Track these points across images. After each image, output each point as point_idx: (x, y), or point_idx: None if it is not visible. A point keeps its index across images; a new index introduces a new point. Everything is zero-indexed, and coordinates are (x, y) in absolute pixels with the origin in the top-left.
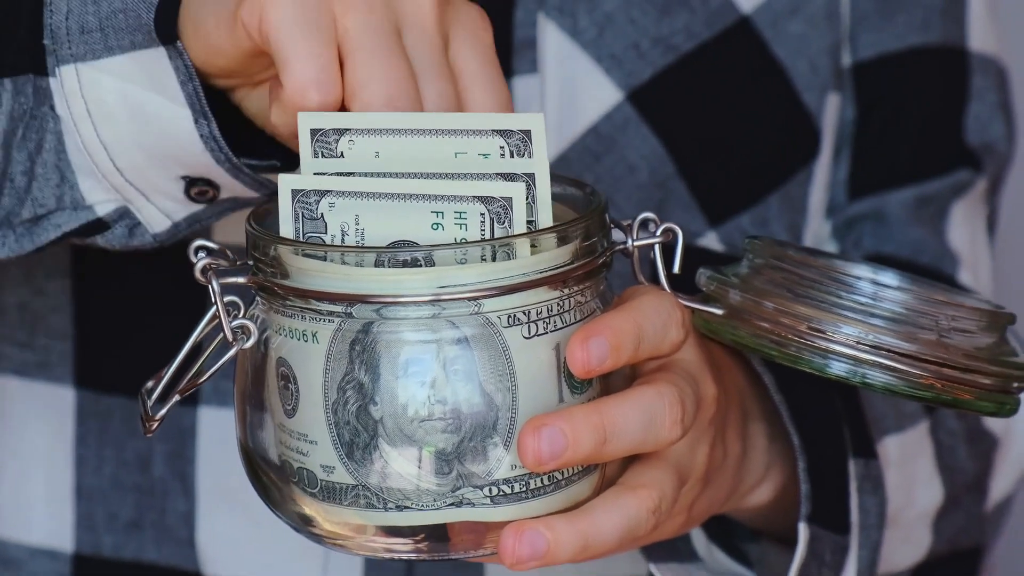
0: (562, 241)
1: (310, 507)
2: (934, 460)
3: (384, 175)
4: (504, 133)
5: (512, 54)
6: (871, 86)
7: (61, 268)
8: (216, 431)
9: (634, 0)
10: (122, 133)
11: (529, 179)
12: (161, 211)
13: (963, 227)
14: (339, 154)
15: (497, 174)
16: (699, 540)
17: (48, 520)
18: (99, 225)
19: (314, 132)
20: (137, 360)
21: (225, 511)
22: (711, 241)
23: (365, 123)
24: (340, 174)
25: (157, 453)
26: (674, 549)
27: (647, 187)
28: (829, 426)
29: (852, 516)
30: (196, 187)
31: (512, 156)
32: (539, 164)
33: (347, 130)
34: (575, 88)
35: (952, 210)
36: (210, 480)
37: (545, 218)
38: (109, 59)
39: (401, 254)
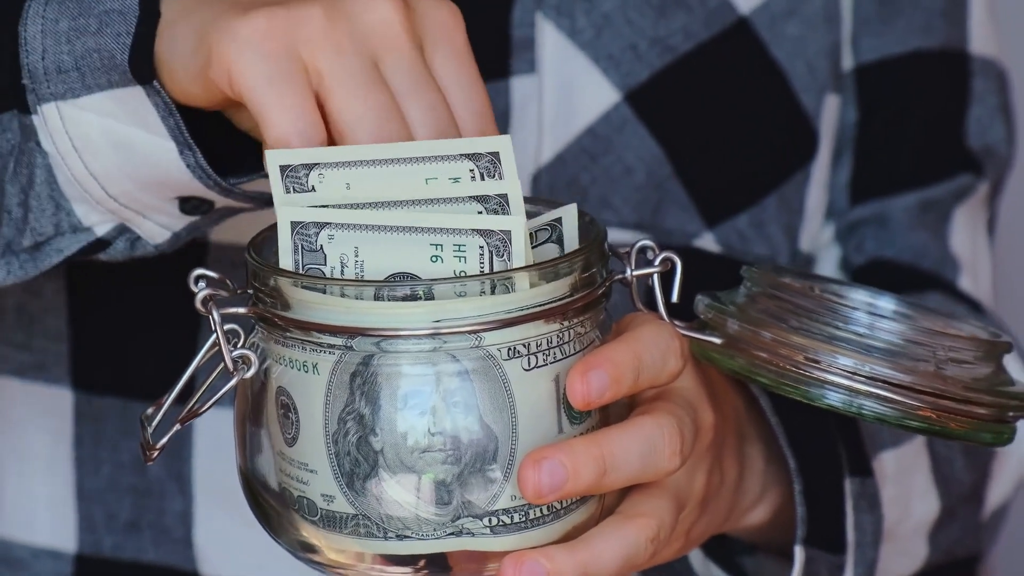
0: (562, 273)
1: (311, 534)
2: (930, 473)
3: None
4: (472, 156)
5: (510, 54)
6: (873, 89)
7: (56, 269)
8: (212, 431)
9: (632, 1)
10: (110, 165)
11: (502, 199)
12: (160, 225)
13: (964, 232)
14: (310, 188)
15: (470, 197)
16: (696, 557)
17: (51, 521)
18: (100, 244)
19: (283, 168)
20: (130, 362)
21: (222, 511)
22: (708, 242)
23: (333, 156)
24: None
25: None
26: (670, 569)
27: (644, 188)
28: (825, 447)
29: (848, 536)
30: (190, 203)
31: (483, 178)
32: (510, 184)
33: (316, 164)
34: (573, 88)
35: (954, 215)
36: (206, 480)
37: (523, 236)
38: (88, 97)
39: (401, 287)
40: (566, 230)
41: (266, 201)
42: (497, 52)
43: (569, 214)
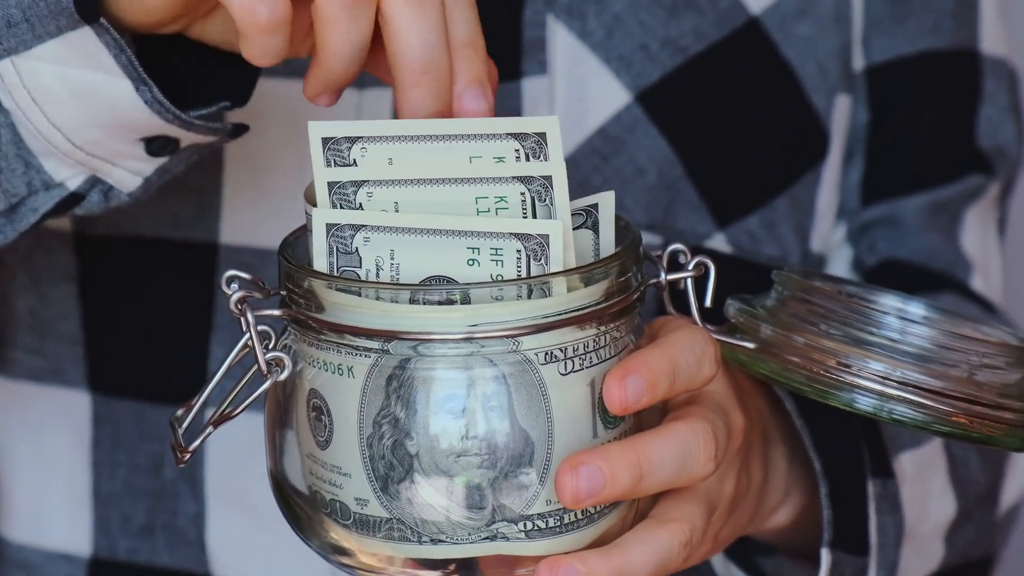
0: (598, 278)
1: (342, 538)
2: (947, 474)
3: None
4: (519, 136)
5: (521, 55)
6: (884, 90)
7: (66, 273)
8: (224, 433)
9: (643, 2)
10: (71, 113)
11: (546, 181)
12: (130, 171)
13: (976, 232)
14: (352, 162)
15: (513, 177)
16: (717, 558)
17: (66, 525)
18: (74, 198)
19: (325, 140)
20: (146, 364)
21: (234, 513)
22: (719, 243)
23: (377, 130)
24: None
25: (168, 456)
26: (694, 570)
27: (655, 189)
28: (848, 449)
29: (871, 538)
30: (156, 143)
31: (528, 159)
32: (555, 167)
33: (359, 138)
34: (584, 90)
35: (965, 215)
36: (218, 482)
37: (564, 220)
38: (40, 47)
39: (437, 291)
40: (602, 217)
41: (230, 132)
42: (508, 53)
43: (606, 201)
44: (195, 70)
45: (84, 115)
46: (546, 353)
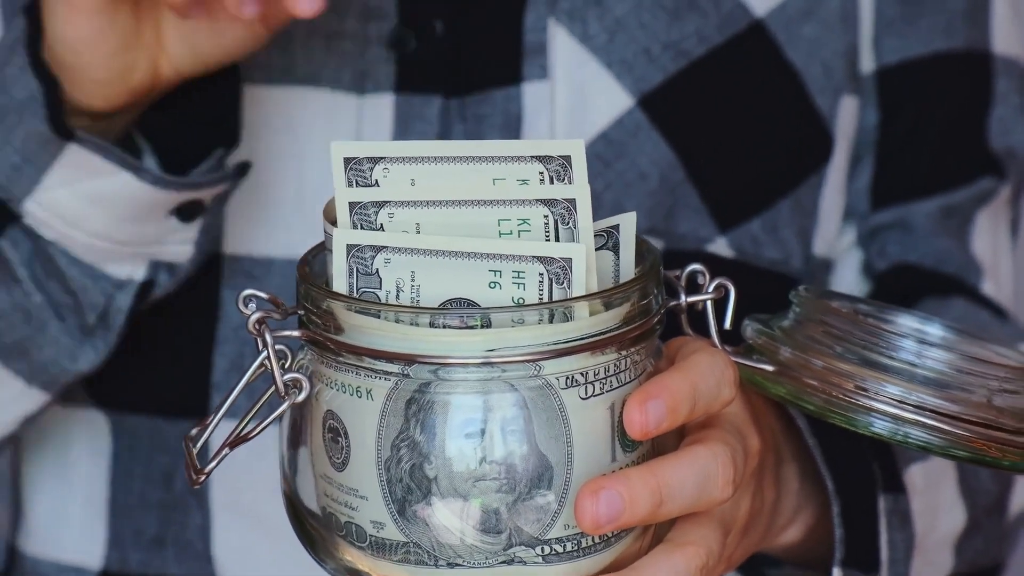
0: (619, 302)
1: (358, 560)
2: (957, 485)
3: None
4: (543, 159)
5: (522, 59)
6: (895, 91)
7: None
8: None
9: (645, 5)
10: (101, 220)
11: (569, 204)
12: (178, 243)
13: (986, 235)
14: (374, 183)
15: (537, 200)
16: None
17: (80, 537)
18: (146, 287)
19: (347, 161)
20: (151, 377)
21: (239, 525)
22: (720, 247)
23: (399, 151)
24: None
25: (180, 469)
26: None
27: (657, 193)
28: (860, 465)
29: (882, 554)
30: (183, 211)
31: (552, 182)
32: (580, 189)
33: (381, 158)
34: (585, 94)
35: (976, 218)
36: (223, 494)
37: (588, 243)
38: (47, 178)
39: (457, 315)
40: (623, 238)
41: (236, 174)
42: (509, 58)
43: (627, 222)
44: (185, 124)
45: (111, 216)
46: (567, 377)
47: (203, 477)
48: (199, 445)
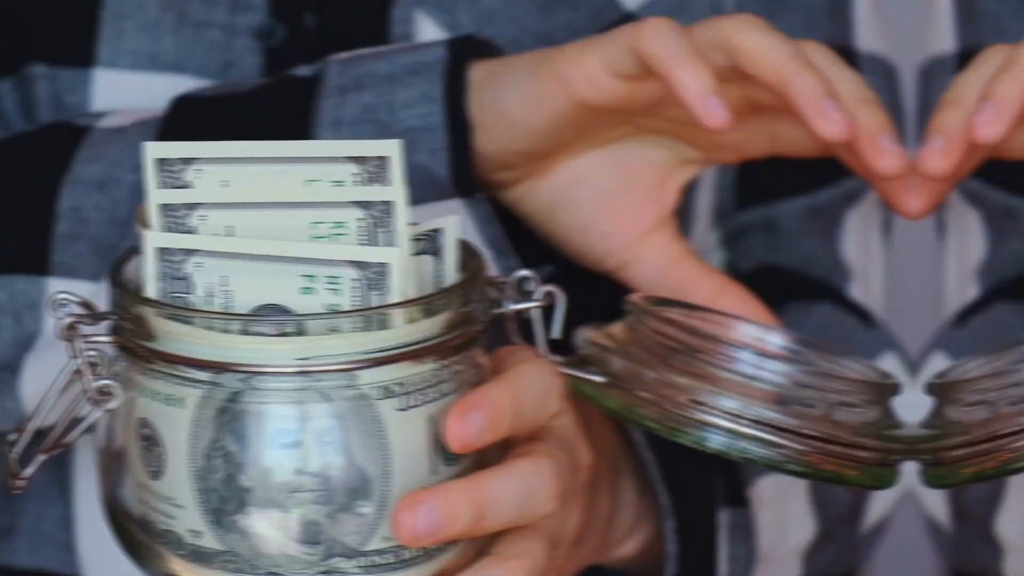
0: (440, 309)
1: (178, 567)
2: (808, 496)
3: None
4: (359, 159)
5: None
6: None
7: None
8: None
9: None
10: None
11: (386, 206)
12: None
13: (856, 237)
14: (185, 184)
15: (351, 202)
16: None
17: None
18: None
19: (160, 162)
20: None
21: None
22: None
23: (211, 151)
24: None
25: None
26: None
27: None
28: (699, 480)
29: (720, 567)
30: None
31: (368, 183)
32: (396, 191)
33: (193, 159)
34: None
35: (845, 219)
36: (90, 486)
37: (405, 247)
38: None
39: (268, 322)
40: (446, 242)
41: None
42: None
43: (451, 225)
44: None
45: None
46: (383, 388)
47: (22, 483)
48: (19, 450)
